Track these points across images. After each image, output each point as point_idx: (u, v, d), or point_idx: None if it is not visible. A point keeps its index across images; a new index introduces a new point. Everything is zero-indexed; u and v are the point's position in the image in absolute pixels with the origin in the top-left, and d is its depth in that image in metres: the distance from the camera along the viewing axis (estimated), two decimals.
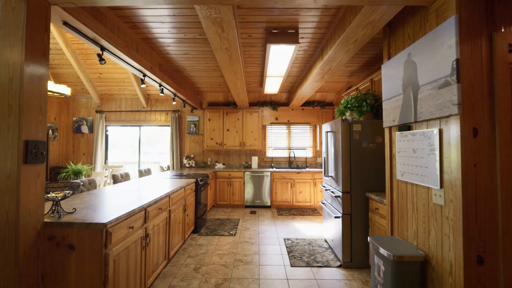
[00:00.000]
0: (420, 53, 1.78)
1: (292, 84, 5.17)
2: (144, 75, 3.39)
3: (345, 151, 2.84)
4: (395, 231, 2.16)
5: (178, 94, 4.68)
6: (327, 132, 3.36)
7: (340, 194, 2.87)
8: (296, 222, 4.53)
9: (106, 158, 6.45)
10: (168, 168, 5.73)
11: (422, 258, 1.72)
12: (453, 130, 1.50)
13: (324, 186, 3.56)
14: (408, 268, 1.73)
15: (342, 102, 3.19)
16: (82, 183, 2.06)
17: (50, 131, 5.90)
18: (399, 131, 2.08)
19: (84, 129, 6.35)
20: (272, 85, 4.70)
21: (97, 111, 6.28)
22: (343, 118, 2.92)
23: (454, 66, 1.46)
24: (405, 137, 1.99)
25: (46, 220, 1.66)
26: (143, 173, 4.57)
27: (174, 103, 5.04)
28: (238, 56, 2.76)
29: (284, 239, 3.65)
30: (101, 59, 2.44)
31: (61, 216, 1.74)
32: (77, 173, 5.08)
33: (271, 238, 3.73)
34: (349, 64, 3.99)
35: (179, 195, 3.15)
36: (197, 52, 3.51)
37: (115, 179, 3.63)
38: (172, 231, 2.90)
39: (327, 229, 3.42)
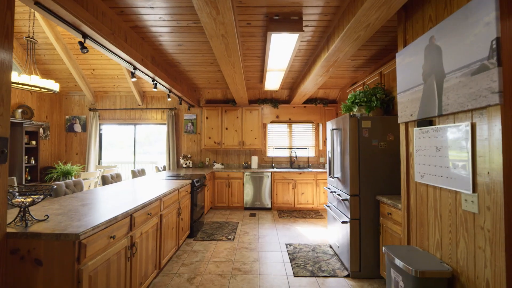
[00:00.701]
0: (446, 36, 1.53)
1: (294, 80, 4.92)
2: (135, 68, 3.14)
3: (353, 150, 2.60)
4: (413, 240, 1.91)
5: (174, 90, 4.43)
6: (333, 129, 3.12)
7: (348, 197, 2.62)
8: (298, 225, 4.28)
9: (100, 158, 6.21)
10: (164, 169, 5.49)
11: (449, 274, 1.48)
12: (492, 124, 1.25)
13: (329, 188, 3.31)
14: (433, 285, 1.49)
15: (349, 97, 2.95)
16: (55, 186, 1.81)
17: (41, 129, 5.65)
18: (418, 126, 1.84)
19: (77, 127, 6.11)
20: (273, 81, 4.45)
21: (90, 109, 6.04)
22: (351, 114, 2.67)
23: (494, 46, 1.21)
24: (425, 133, 1.75)
25: (9, 230, 1.42)
26: (137, 173, 4.32)
27: (169, 99, 4.78)
28: (236, 45, 2.51)
29: (286, 245, 3.41)
30: (83, 47, 2.19)
31: (29, 224, 1.49)
32: (67, 174, 4.83)
33: (272, 243, 3.48)
34: (355, 58, 3.74)
35: (172, 198, 2.90)
36: (192, 43, 3.26)
37: (105, 181, 3.38)
38: (164, 237, 2.65)
39: (332, 234, 3.18)
